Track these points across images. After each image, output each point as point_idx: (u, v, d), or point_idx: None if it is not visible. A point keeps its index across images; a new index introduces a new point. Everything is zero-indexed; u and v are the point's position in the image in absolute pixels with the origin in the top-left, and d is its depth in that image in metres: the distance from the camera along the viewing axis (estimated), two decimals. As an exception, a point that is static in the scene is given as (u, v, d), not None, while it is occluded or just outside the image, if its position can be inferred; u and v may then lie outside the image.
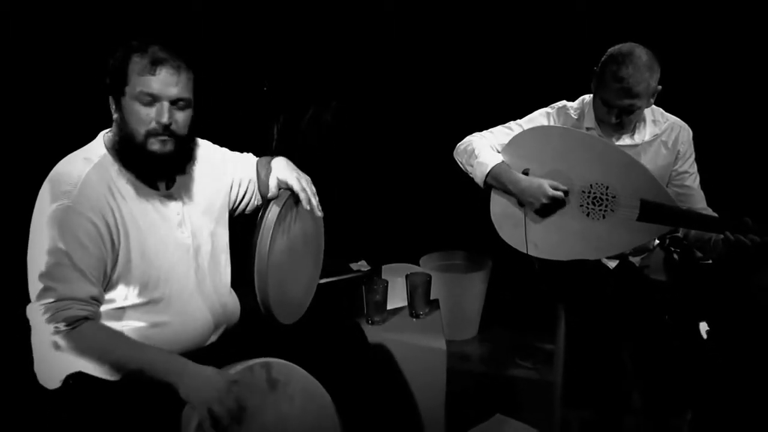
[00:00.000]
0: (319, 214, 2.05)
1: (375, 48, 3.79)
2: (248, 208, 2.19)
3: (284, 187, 2.03)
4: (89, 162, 1.82)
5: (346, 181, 3.60)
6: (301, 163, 2.11)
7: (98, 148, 1.87)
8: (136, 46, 1.81)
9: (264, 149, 3.51)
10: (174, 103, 1.82)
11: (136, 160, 1.84)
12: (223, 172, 2.10)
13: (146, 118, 1.80)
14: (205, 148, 2.09)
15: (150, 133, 1.81)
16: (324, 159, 3.44)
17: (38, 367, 1.88)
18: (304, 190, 2.00)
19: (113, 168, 1.84)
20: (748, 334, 2.34)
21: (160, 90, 1.80)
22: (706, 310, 2.43)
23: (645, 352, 2.80)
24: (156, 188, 1.92)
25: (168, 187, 1.95)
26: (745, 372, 2.39)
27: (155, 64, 1.79)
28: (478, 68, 3.77)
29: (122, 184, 1.84)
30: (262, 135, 3.59)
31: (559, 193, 2.44)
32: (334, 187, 2.69)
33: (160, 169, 1.89)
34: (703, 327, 2.46)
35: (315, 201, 2.03)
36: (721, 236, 2.31)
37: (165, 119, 1.80)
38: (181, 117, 1.85)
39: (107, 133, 1.90)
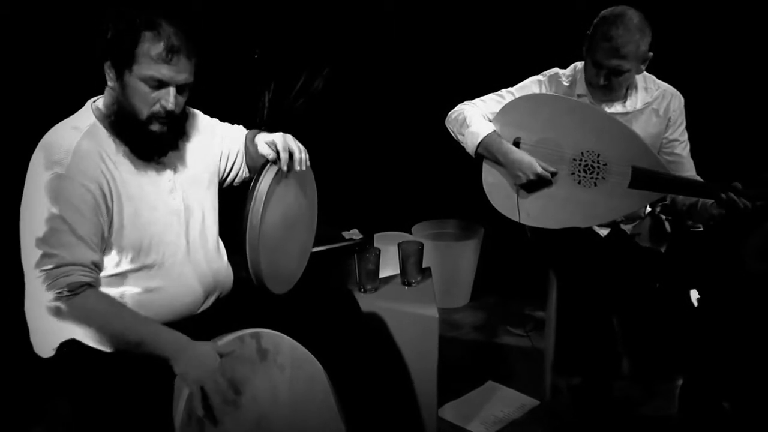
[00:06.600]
0: (284, 169, 1.97)
1: (367, 14, 3.76)
2: (236, 180, 2.18)
3: (272, 148, 2.00)
4: (79, 131, 1.80)
5: (338, 149, 3.58)
6: (292, 131, 2.09)
7: (87, 117, 1.85)
8: (144, 24, 1.75)
9: (255, 117, 3.50)
10: (179, 87, 1.81)
11: (133, 135, 1.83)
12: (213, 143, 2.09)
13: (151, 100, 1.78)
14: (196, 119, 2.08)
15: (153, 116, 1.80)
16: (315, 127, 3.41)
17: (33, 338, 1.87)
18: (285, 150, 1.97)
19: (104, 137, 1.83)
20: (738, 302, 2.35)
21: (171, 78, 1.77)
22: (697, 278, 2.44)
23: (636, 319, 2.83)
24: (148, 158, 1.90)
25: (160, 156, 1.93)
26: (735, 339, 2.40)
27: (171, 52, 1.75)
28: (471, 35, 3.74)
29: (113, 153, 1.83)
30: (252, 103, 3.57)
31: (547, 174, 2.44)
32: (326, 155, 2.67)
33: (156, 147, 1.88)
34: (694, 294, 2.47)
35: (298, 157, 1.98)
36: (709, 201, 2.32)
37: (171, 106, 1.79)
38: (183, 99, 1.85)
39: (95, 101, 1.88)
